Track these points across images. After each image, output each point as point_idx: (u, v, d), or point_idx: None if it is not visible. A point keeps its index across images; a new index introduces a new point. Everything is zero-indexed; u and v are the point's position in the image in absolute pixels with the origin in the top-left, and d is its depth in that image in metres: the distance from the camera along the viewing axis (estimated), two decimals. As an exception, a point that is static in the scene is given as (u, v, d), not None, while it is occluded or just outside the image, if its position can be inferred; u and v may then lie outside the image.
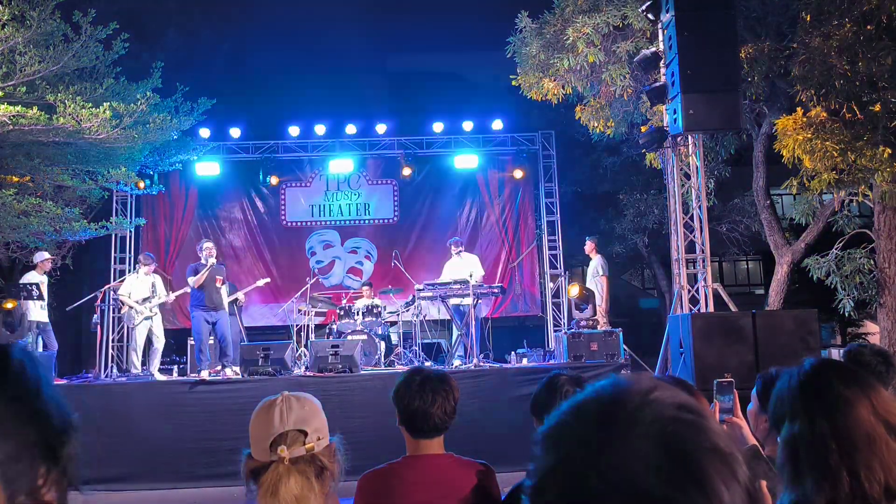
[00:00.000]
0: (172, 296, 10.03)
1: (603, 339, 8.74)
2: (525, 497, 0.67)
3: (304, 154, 13.94)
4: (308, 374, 8.27)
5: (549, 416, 0.70)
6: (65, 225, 10.50)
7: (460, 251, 10.15)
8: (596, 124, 10.83)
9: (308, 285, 10.37)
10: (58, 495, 0.80)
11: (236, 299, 10.50)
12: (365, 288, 11.42)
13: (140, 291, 9.42)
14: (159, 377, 9.04)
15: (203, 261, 8.86)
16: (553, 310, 13.44)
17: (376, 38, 20.77)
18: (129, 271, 12.41)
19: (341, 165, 13.58)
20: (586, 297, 10.06)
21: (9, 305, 8.81)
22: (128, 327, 9.95)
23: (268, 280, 11.48)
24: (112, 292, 10.05)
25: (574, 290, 9.81)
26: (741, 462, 0.65)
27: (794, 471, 1.46)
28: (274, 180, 13.63)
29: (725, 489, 0.62)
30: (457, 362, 9.18)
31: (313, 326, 10.40)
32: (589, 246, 10.94)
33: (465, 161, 13.64)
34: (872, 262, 9.81)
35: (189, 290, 9.43)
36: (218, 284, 8.81)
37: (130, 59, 10.25)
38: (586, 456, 0.63)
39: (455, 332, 9.92)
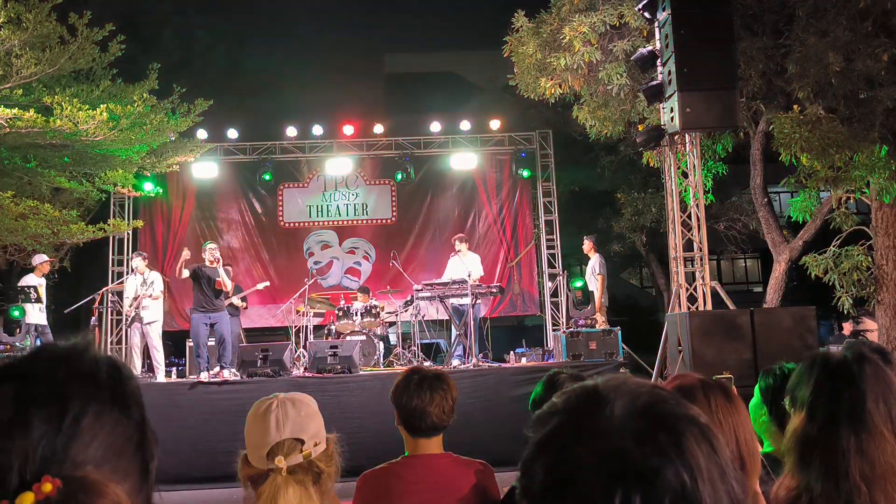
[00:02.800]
0: (159, 289, 9.73)
1: (601, 338, 8.75)
2: (517, 481, 0.71)
3: (301, 155, 13.93)
4: (307, 374, 8.26)
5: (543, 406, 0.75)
6: (62, 227, 10.48)
7: (458, 251, 10.11)
8: (593, 123, 10.83)
9: (306, 286, 10.36)
10: None
11: (232, 303, 10.44)
12: (360, 294, 11.38)
13: (130, 292, 9.33)
14: (163, 378, 9.04)
15: (206, 262, 8.87)
16: (552, 309, 13.44)
17: (373, 39, 20.79)
18: (127, 273, 12.41)
19: (339, 166, 13.57)
20: (585, 297, 10.06)
21: (16, 314, 8.79)
22: (125, 328, 9.89)
23: (267, 283, 11.44)
24: (110, 294, 10.02)
25: (579, 283, 9.82)
26: (719, 437, 0.68)
27: (801, 460, 1.46)
28: (271, 181, 13.63)
29: (700, 453, 0.65)
30: (456, 362, 9.18)
31: (312, 327, 10.39)
32: (587, 245, 10.94)
33: (463, 161, 13.63)
34: (870, 259, 9.82)
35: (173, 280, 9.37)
36: (217, 288, 8.78)
37: (127, 61, 10.23)
38: (570, 428, 0.68)
39: (454, 332, 9.91)
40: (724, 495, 0.64)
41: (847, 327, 12.18)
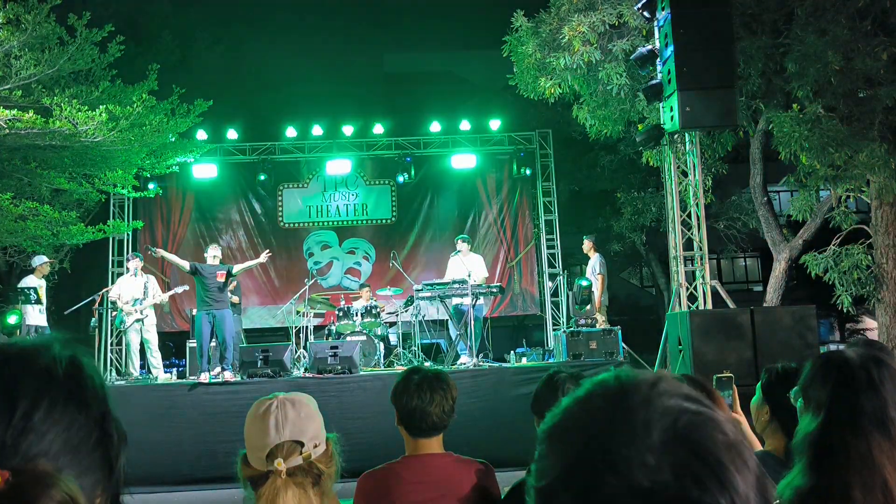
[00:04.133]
0: (166, 296, 9.91)
1: (602, 338, 8.75)
2: (531, 500, 0.65)
3: (301, 155, 13.93)
4: (307, 375, 8.26)
5: (552, 413, 0.67)
6: (62, 228, 10.48)
7: (460, 250, 10.10)
8: (593, 123, 10.83)
9: (306, 286, 10.35)
10: None
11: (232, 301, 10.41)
12: (364, 290, 11.39)
13: (130, 292, 9.31)
14: (164, 377, 9.03)
15: (207, 262, 8.89)
16: (552, 309, 13.44)
17: (373, 39, 20.78)
18: (126, 275, 12.41)
19: (338, 166, 13.57)
20: (588, 296, 10.06)
21: (11, 321, 8.77)
22: (120, 330, 9.88)
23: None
24: (108, 296, 10.03)
25: (585, 283, 9.83)
26: (749, 449, 0.64)
27: (816, 463, 1.44)
28: (266, 181, 13.61)
29: (741, 479, 0.61)
30: (463, 357, 9.17)
31: (312, 328, 10.38)
32: (587, 245, 10.95)
33: (463, 161, 13.63)
34: (870, 257, 9.82)
35: (185, 288, 9.42)
36: (219, 279, 8.72)
37: (126, 62, 10.23)
38: (599, 454, 0.61)
39: (453, 332, 9.90)
40: None
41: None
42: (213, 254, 8.84)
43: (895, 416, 1.43)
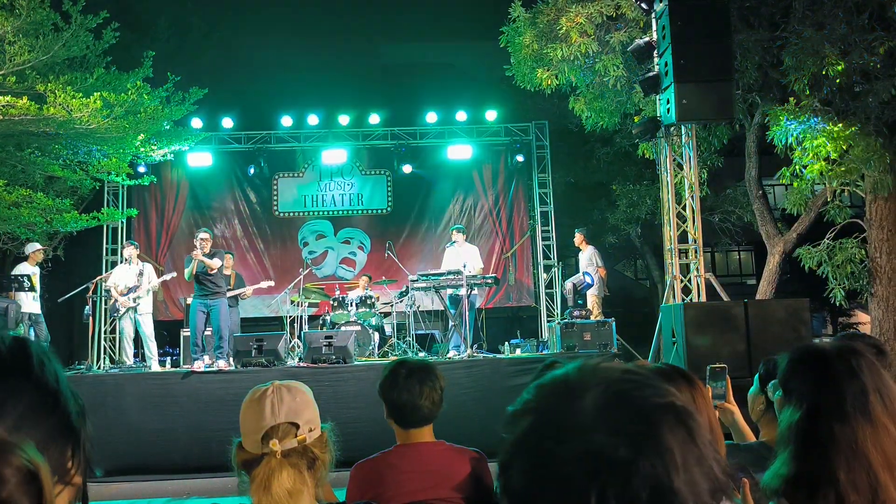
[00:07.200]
0: (157, 282, 9.74)
1: (596, 329, 8.77)
2: (497, 479, 0.70)
3: (296, 144, 13.89)
4: (302, 364, 8.26)
5: (517, 400, 0.74)
6: (56, 216, 10.44)
7: (455, 241, 10.09)
8: (589, 115, 10.81)
9: (301, 276, 10.34)
10: (82, 478, 0.88)
11: (240, 294, 10.41)
12: (363, 279, 11.40)
13: (125, 281, 9.27)
14: (157, 368, 9.01)
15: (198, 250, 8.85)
16: (546, 300, 13.46)
17: (369, 29, 20.69)
18: (121, 263, 12.37)
19: (334, 156, 13.54)
20: (583, 291, 10.08)
21: None
22: (114, 318, 9.82)
23: (272, 283, 11.15)
24: (104, 283, 9.99)
25: (589, 278, 9.85)
26: (696, 419, 0.66)
27: (800, 452, 1.47)
28: (258, 172, 13.56)
29: (675, 441, 0.63)
30: (452, 352, 9.18)
31: (306, 317, 10.37)
32: (578, 238, 10.96)
33: (459, 152, 13.61)
34: (864, 251, 9.85)
35: (174, 275, 9.41)
36: (210, 272, 8.70)
37: (121, 49, 10.16)
38: (544, 427, 0.67)
39: (450, 323, 9.92)
40: (702, 479, 0.63)
41: None
42: (201, 237, 8.79)
43: (875, 402, 1.48)
